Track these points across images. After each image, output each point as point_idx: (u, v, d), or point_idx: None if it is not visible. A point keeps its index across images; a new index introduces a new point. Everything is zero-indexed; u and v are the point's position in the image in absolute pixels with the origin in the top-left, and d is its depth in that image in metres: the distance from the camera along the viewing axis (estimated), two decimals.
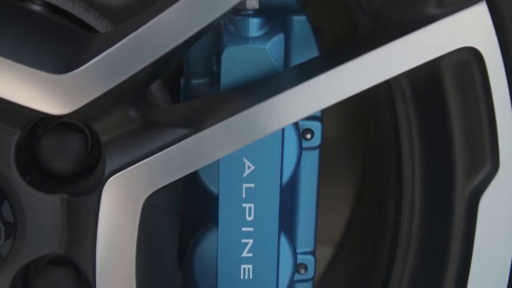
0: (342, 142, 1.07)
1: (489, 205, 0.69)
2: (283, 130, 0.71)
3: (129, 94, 0.67)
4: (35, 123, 0.69)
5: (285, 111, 0.64)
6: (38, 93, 0.63)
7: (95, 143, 0.71)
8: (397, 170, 0.81)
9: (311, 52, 0.73)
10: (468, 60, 0.67)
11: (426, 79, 0.70)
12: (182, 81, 0.76)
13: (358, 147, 1.07)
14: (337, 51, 0.74)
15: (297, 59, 0.73)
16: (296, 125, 0.73)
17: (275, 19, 0.70)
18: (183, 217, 0.76)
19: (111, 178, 0.65)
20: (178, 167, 0.65)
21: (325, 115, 0.77)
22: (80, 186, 0.70)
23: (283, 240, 0.75)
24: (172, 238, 0.73)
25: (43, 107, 0.64)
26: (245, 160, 0.71)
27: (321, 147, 0.77)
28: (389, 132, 0.85)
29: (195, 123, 0.65)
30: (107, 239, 0.67)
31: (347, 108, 1.05)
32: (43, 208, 0.69)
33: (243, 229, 0.73)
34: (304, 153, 0.75)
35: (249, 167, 0.71)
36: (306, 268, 0.80)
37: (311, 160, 0.77)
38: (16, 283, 0.72)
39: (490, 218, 0.69)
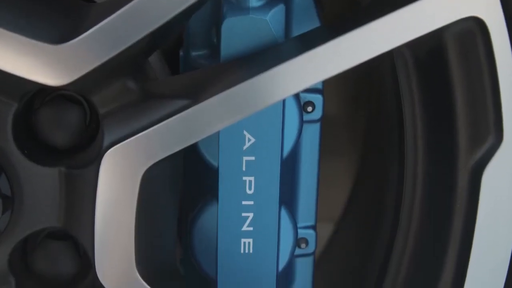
0: (343, 117, 1.06)
1: (492, 178, 0.68)
2: (283, 102, 0.70)
3: (127, 65, 0.66)
4: (33, 95, 0.68)
5: (286, 82, 0.63)
6: (35, 63, 0.62)
7: (93, 115, 0.70)
8: (399, 143, 0.80)
9: (312, 22, 0.72)
10: (472, 30, 0.66)
11: (429, 49, 0.69)
12: (181, 53, 0.75)
13: (359, 122, 1.06)
14: (338, 21, 0.73)
15: (298, 30, 0.72)
16: (297, 97, 0.72)
17: None
18: (183, 191, 0.75)
19: (109, 151, 0.64)
20: (177, 139, 0.64)
21: (326, 90, 0.76)
22: (78, 159, 0.69)
23: (284, 214, 0.74)
24: (171, 211, 0.72)
25: (40, 78, 0.63)
26: (245, 132, 0.70)
27: (322, 121, 0.76)
28: (391, 105, 0.84)
29: (195, 94, 0.64)
30: (106, 212, 0.66)
31: (348, 82, 1.04)
32: (41, 181, 0.68)
33: (243, 202, 0.72)
34: (305, 126, 0.74)
35: (249, 140, 0.70)
36: (307, 242, 0.79)
37: (312, 133, 0.76)
38: (14, 257, 0.71)
39: (493, 191, 0.68)
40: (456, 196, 0.71)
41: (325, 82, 0.75)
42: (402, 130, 0.75)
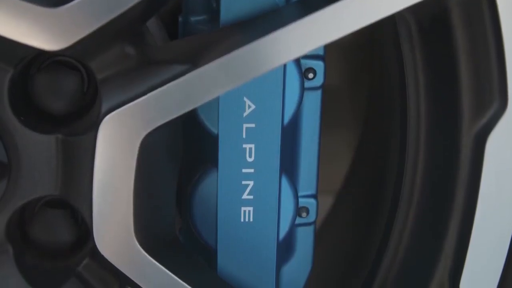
0: (344, 88, 1.05)
1: (496, 145, 0.67)
2: (284, 68, 0.69)
3: (125, 30, 0.64)
4: (29, 61, 0.67)
5: (287, 46, 0.62)
6: (30, 27, 0.61)
7: (91, 81, 0.69)
8: (401, 113, 0.79)
9: None
10: None
11: (433, 15, 0.68)
12: (180, 18, 0.73)
13: (360, 92, 1.05)
14: None
15: None
16: (298, 63, 0.71)
17: None
18: (182, 159, 0.74)
19: (107, 117, 0.63)
20: (176, 104, 0.63)
21: (327, 61, 0.75)
22: (76, 126, 0.68)
23: (285, 182, 0.73)
24: (170, 179, 0.71)
25: (35, 43, 0.62)
26: (245, 99, 0.69)
27: (324, 88, 0.75)
28: (393, 74, 0.83)
29: (194, 59, 0.63)
30: (104, 179, 0.65)
31: (350, 52, 1.03)
32: (37, 148, 0.67)
33: (244, 170, 0.71)
34: (306, 93, 0.73)
35: (249, 107, 0.69)
36: (307, 211, 0.78)
37: (313, 101, 0.75)
38: (12, 225, 0.70)
39: (497, 159, 0.67)
40: (459, 164, 0.70)
41: (326, 53, 0.74)
42: (404, 99, 0.75)
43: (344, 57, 1.03)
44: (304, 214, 0.78)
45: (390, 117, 0.87)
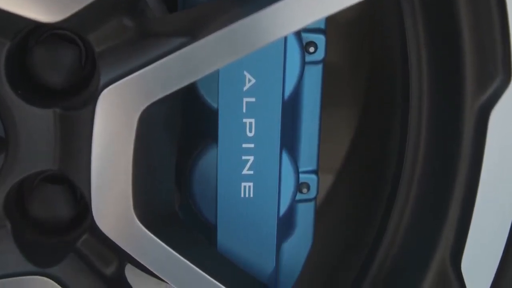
0: (345, 67, 1.04)
1: (500, 119, 0.66)
2: (285, 42, 0.68)
3: (123, 2, 0.63)
4: (26, 34, 0.66)
5: (288, 18, 0.61)
6: None
7: (89, 55, 0.68)
8: (403, 89, 0.78)
9: None
10: None
11: None
12: None
13: (361, 71, 1.04)
14: None
15: None
16: (299, 37, 0.70)
17: None
18: (181, 134, 0.73)
19: (105, 90, 0.63)
20: (175, 78, 0.62)
21: (328, 38, 0.74)
22: (74, 100, 0.67)
23: (285, 157, 0.73)
24: (169, 155, 0.70)
25: (32, 14, 0.61)
26: (245, 73, 0.68)
27: (325, 62, 0.74)
28: (395, 50, 0.82)
29: (193, 32, 0.62)
30: (102, 154, 0.64)
31: (351, 30, 1.02)
32: (35, 123, 0.66)
33: (244, 145, 0.70)
34: (307, 67, 0.72)
35: (249, 81, 0.68)
36: (308, 187, 0.78)
37: (314, 75, 0.74)
38: (10, 200, 0.70)
39: (500, 133, 0.67)
40: (462, 139, 0.69)
41: (328, 29, 0.74)
42: (406, 75, 0.74)
43: (344, 35, 1.02)
44: (304, 190, 0.77)
45: (392, 94, 0.87)
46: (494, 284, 0.70)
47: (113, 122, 0.63)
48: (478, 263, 0.70)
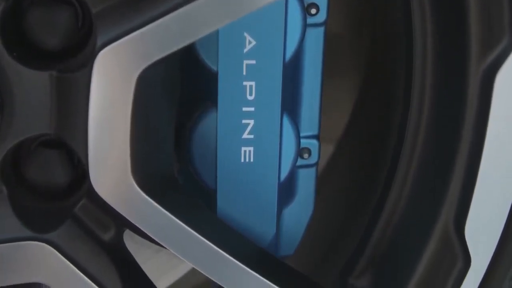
0: (346, 34, 1.03)
1: (505, 82, 0.65)
2: (286, 2, 0.67)
3: None
4: None
5: None
6: None
7: (85, 15, 0.67)
8: (407, 52, 0.77)
9: None
10: None
11: None
12: None
13: (363, 39, 1.03)
14: None
15: None
16: None
17: None
18: (180, 98, 0.72)
19: (102, 51, 0.61)
20: (174, 38, 0.61)
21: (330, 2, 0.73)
22: (70, 62, 0.66)
23: (286, 121, 0.71)
24: (169, 118, 0.69)
25: None
26: (245, 34, 0.67)
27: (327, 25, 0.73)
28: (398, 12, 0.81)
29: None
30: (100, 117, 0.63)
31: None
32: (31, 86, 0.65)
33: (244, 109, 0.69)
34: (308, 30, 0.71)
35: (250, 42, 0.67)
36: (309, 152, 0.76)
37: (315, 38, 0.73)
38: (6, 165, 0.68)
39: (506, 96, 0.65)
40: (466, 104, 0.68)
41: None
42: (410, 37, 0.72)
43: (346, 2, 1.01)
44: (305, 156, 0.76)
45: (395, 58, 0.85)
46: (497, 249, 0.70)
47: (111, 84, 0.62)
48: (482, 228, 0.69)
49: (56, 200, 0.71)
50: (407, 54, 0.76)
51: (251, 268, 0.68)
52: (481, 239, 0.69)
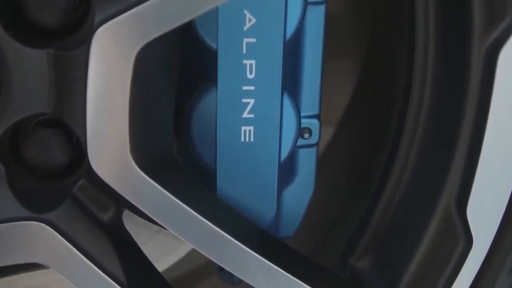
0: (348, 16, 1.02)
1: (508, 59, 0.64)
2: None
3: None
4: None
5: None
6: None
7: None
8: (409, 33, 0.76)
9: None
10: None
11: None
12: None
13: (364, 18, 1.02)
14: None
15: None
16: None
17: None
18: (180, 76, 0.71)
19: (100, 28, 0.60)
20: (173, 15, 0.60)
21: None
22: (68, 40, 0.65)
23: (286, 100, 0.71)
24: (168, 97, 0.69)
25: None
26: (246, 12, 0.66)
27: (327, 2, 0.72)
28: None
29: None
30: (98, 95, 0.62)
31: None
32: (29, 64, 0.64)
33: (244, 88, 0.68)
34: (309, 7, 0.70)
35: (250, 20, 0.66)
36: (310, 132, 0.76)
37: (316, 15, 0.72)
38: (3, 145, 0.68)
39: (509, 74, 0.65)
40: (469, 80, 0.67)
41: None
42: (412, 12, 0.71)
43: None
44: (306, 135, 0.76)
45: (396, 39, 0.85)
46: (500, 229, 0.69)
47: (109, 62, 0.61)
48: (484, 208, 0.69)
49: (54, 180, 0.71)
50: (409, 34, 0.75)
51: (252, 249, 0.68)
52: (483, 220, 0.69)
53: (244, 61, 0.67)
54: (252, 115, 0.69)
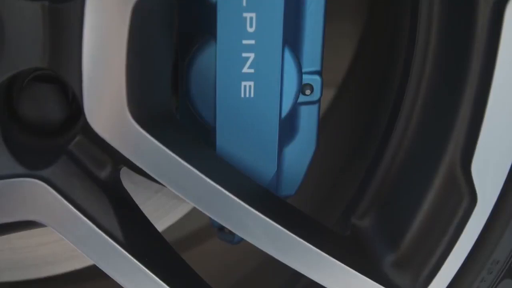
0: None
1: None
2: None
3: None
4: None
5: None
6: None
7: None
8: None
9: None
10: None
11: None
12: None
13: None
14: None
15: None
16: None
17: None
18: (178, 30, 0.70)
19: None
20: None
21: None
22: None
23: (287, 55, 0.69)
24: (165, 51, 0.67)
25: None
26: None
27: None
28: None
29: None
30: (94, 49, 0.61)
31: None
32: (23, 17, 0.63)
33: (244, 41, 0.67)
34: None
35: None
36: (312, 89, 0.74)
37: None
38: None
39: None
40: (475, 35, 0.66)
41: None
42: None
43: None
44: (308, 92, 0.74)
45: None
46: (504, 187, 0.68)
47: (105, 14, 0.60)
48: (489, 166, 0.67)
49: (50, 136, 0.70)
50: None
51: (253, 207, 0.67)
52: (488, 177, 0.68)
53: (244, 14, 0.66)
54: (252, 70, 0.68)
